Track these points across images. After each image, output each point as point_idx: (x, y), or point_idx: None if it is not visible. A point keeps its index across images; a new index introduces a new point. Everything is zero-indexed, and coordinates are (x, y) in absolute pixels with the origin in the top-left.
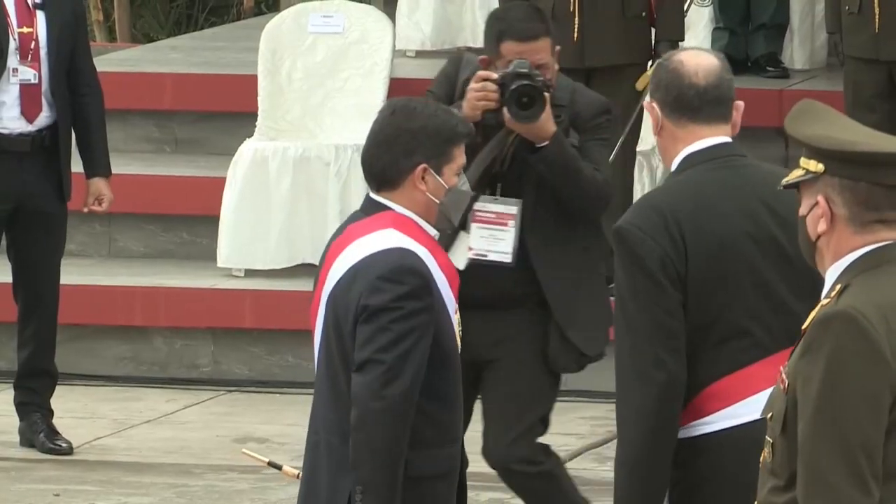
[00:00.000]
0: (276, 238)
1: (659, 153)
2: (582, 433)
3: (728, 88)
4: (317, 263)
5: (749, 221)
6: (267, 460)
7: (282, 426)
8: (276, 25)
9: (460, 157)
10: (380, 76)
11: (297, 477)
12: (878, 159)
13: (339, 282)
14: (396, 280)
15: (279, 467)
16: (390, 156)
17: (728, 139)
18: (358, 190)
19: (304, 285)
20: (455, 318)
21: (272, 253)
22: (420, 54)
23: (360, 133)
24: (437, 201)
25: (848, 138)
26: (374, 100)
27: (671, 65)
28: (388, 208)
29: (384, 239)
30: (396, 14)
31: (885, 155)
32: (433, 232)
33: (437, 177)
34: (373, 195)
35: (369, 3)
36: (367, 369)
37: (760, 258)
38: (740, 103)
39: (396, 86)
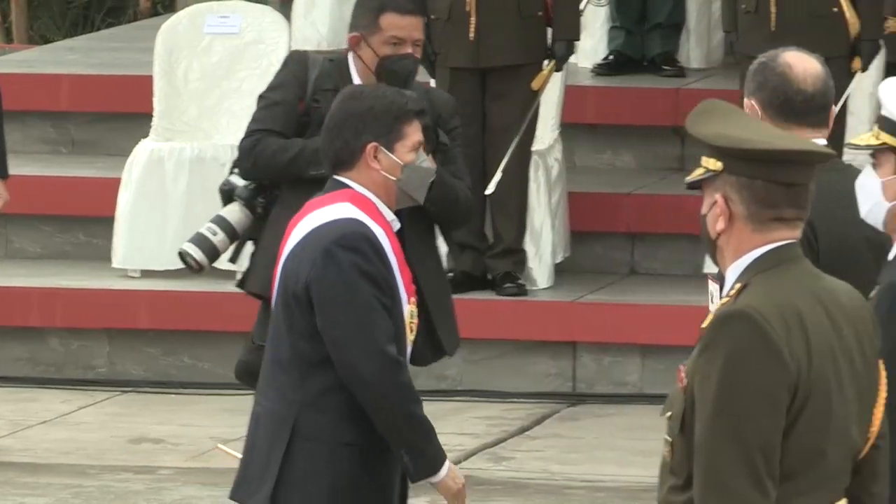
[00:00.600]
0: (171, 239)
1: None
2: (477, 433)
3: (831, 95)
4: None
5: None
6: (240, 456)
7: (177, 426)
8: (173, 26)
9: (414, 134)
10: None
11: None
12: (774, 156)
13: (290, 252)
14: (350, 247)
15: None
16: (341, 139)
17: (825, 143)
18: None
19: (199, 286)
20: (407, 308)
21: (168, 254)
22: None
23: None
24: (395, 179)
25: (745, 136)
26: None
27: (778, 67)
28: (348, 186)
29: (338, 210)
30: (292, 14)
31: (781, 152)
32: (391, 217)
33: (390, 154)
34: (334, 176)
35: (265, 4)
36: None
37: (873, 262)
38: (834, 108)
39: None
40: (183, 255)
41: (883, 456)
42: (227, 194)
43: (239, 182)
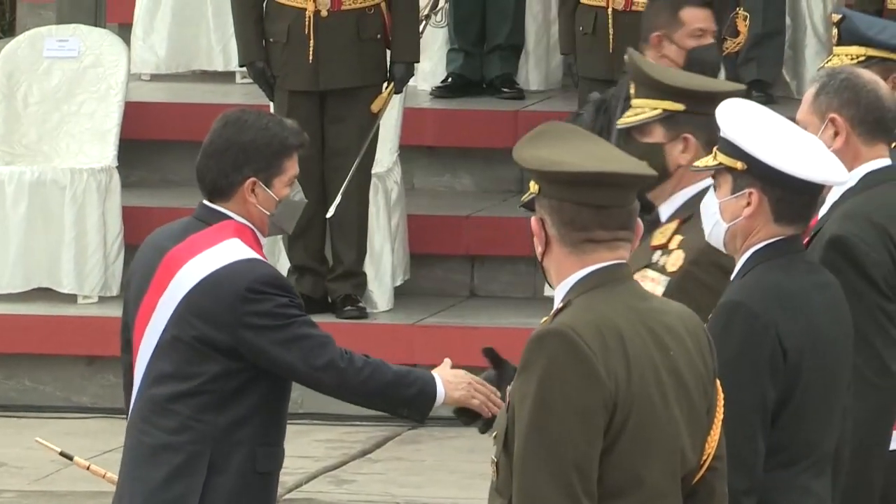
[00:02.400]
0: (12, 262)
1: None
2: (318, 455)
3: None
4: (53, 287)
5: None
6: (59, 450)
7: (19, 450)
8: (13, 50)
9: (292, 169)
10: (115, 100)
11: (88, 468)
12: (578, 179)
13: (189, 294)
14: (265, 291)
15: (70, 458)
16: (220, 168)
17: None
18: (94, 213)
19: (40, 309)
20: None
21: (8, 277)
22: (155, 77)
23: (95, 157)
24: (268, 214)
25: (555, 158)
26: (109, 124)
27: (868, 85)
28: (226, 216)
29: (232, 250)
30: (132, 38)
31: (586, 174)
32: (264, 242)
33: (267, 190)
34: (207, 203)
35: (104, 28)
36: (312, 371)
37: None
38: None
39: (131, 109)
40: None
41: (720, 478)
42: None
43: None
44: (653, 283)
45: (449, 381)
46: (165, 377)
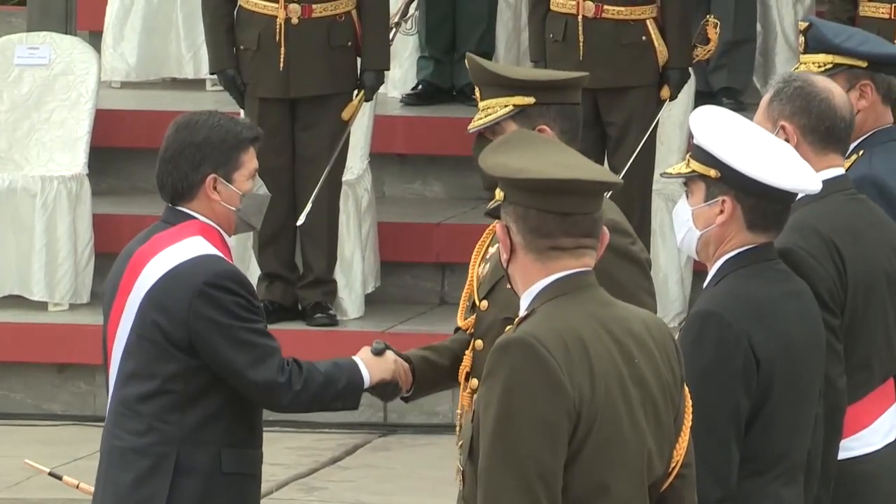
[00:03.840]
0: None
1: None
2: (288, 463)
3: None
4: (23, 295)
5: (887, 258)
6: (48, 470)
7: None
8: None
9: (251, 162)
10: (85, 107)
11: (78, 487)
12: (541, 186)
13: (150, 291)
14: (223, 286)
15: (60, 477)
16: (179, 171)
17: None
18: (64, 221)
19: (10, 316)
20: None
21: None
22: (125, 85)
23: (65, 165)
24: (234, 209)
25: (521, 165)
26: (79, 131)
27: (821, 94)
28: (192, 217)
29: (194, 246)
30: (102, 45)
31: (548, 181)
32: (231, 244)
33: (229, 185)
34: (172, 206)
35: (74, 35)
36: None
37: (888, 295)
38: None
39: (102, 117)
40: None
41: (689, 485)
42: None
43: None
44: None
45: (371, 362)
46: (132, 377)
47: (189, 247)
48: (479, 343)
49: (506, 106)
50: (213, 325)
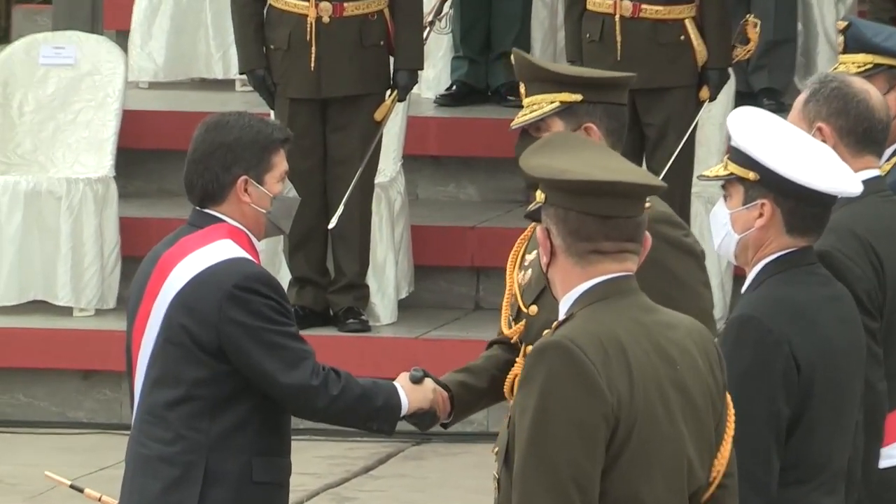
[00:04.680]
0: (6, 274)
1: None
2: (319, 472)
3: None
4: (48, 300)
5: None
6: (69, 483)
7: (14, 466)
8: (8, 57)
9: (281, 164)
10: (112, 108)
11: (100, 500)
12: (583, 188)
13: (178, 295)
14: (254, 289)
15: (81, 490)
16: (209, 172)
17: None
18: (90, 224)
19: (35, 322)
20: None
21: (3, 289)
22: (153, 85)
23: (91, 167)
24: (264, 212)
25: (563, 167)
26: (106, 133)
27: (858, 95)
28: (220, 220)
29: (223, 249)
30: (129, 45)
31: (590, 183)
32: (260, 248)
33: (260, 186)
34: (200, 209)
35: (101, 35)
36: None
37: None
38: None
39: (129, 118)
40: None
41: (731, 495)
42: None
43: None
44: None
45: (409, 389)
46: (158, 383)
47: (218, 250)
48: (530, 349)
49: (552, 102)
50: (243, 329)
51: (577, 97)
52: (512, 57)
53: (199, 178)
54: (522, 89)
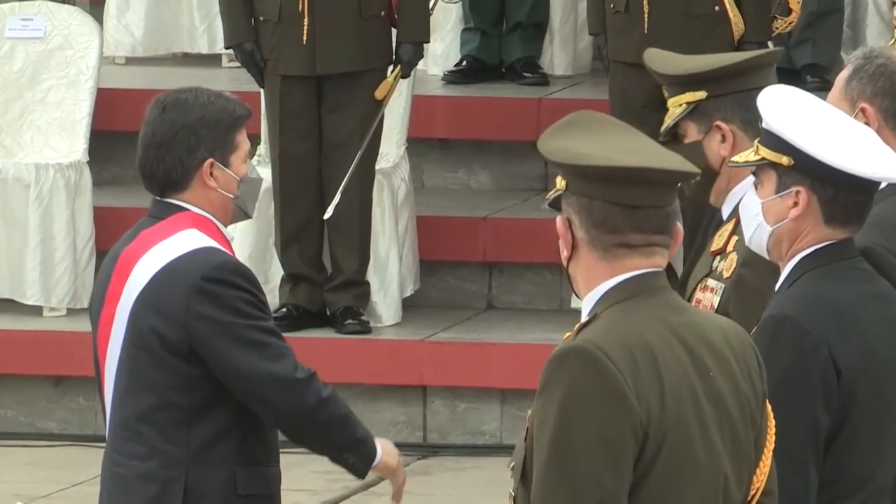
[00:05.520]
0: None
1: None
2: (316, 489)
3: None
4: (15, 298)
5: None
6: None
7: None
8: None
9: (245, 143)
10: (85, 86)
11: None
12: (610, 174)
13: (142, 293)
14: (223, 279)
15: None
16: (171, 157)
17: None
18: (62, 214)
19: (1, 323)
20: None
21: None
22: (131, 61)
23: (63, 151)
24: (232, 197)
25: (585, 151)
26: (78, 113)
27: None
28: (184, 208)
29: (189, 239)
30: (104, 16)
31: (619, 170)
32: (229, 236)
33: (226, 170)
34: (160, 198)
35: (74, 5)
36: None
37: None
38: None
39: (104, 97)
40: None
41: None
42: None
43: None
44: (711, 293)
45: (384, 444)
46: (129, 393)
47: (183, 240)
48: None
49: (679, 105)
50: (214, 326)
51: (702, 94)
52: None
53: (160, 165)
54: (665, 92)
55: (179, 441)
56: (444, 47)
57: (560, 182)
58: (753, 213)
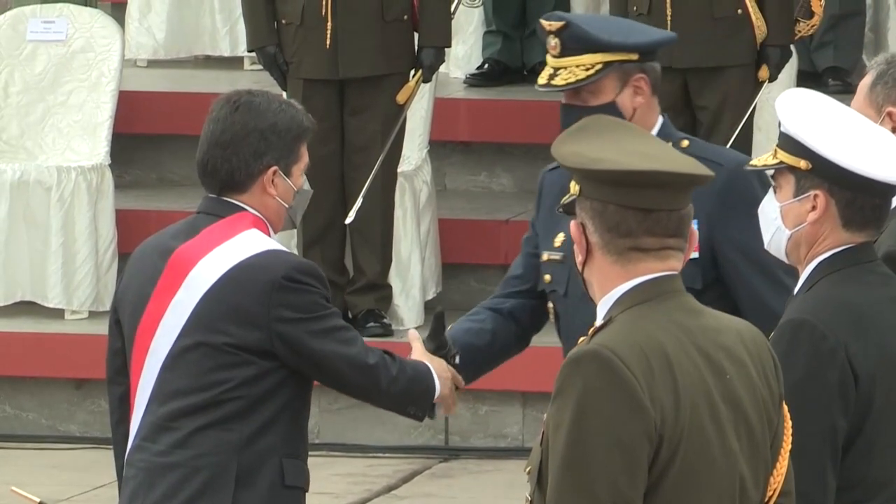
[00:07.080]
0: None
1: None
2: (337, 492)
3: None
4: (37, 301)
5: None
6: (38, 500)
7: None
8: None
9: (306, 155)
10: (107, 89)
11: None
12: (623, 178)
13: (216, 285)
14: (304, 281)
15: None
16: (238, 158)
17: None
18: (83, 217)
19: (23, 326)
20: None
21: None
22: (152, 64)
23: (84, 154)
24: (287, 206)
25: (598, 155)
26: (100, 116)
27: None
28: (241, 208)
29: (254, 241)
30: (126, 19)
31: (631, 174)
32: (277, 241)
33: (286, 179)
34: (216, 196)
35: (95, 7)
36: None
37: None
38: None
39: (126, 99)
40: None
41: None
42: None
43: None
44: None
45: (439, 373)
46: (182, 391)
47: (249, 241)
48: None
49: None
50: (298, 323)
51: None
52: None
53: (224, 164)
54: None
55: (234, 429)
56: (466, 50)
57: (574, 187)
58: (772, 216)
